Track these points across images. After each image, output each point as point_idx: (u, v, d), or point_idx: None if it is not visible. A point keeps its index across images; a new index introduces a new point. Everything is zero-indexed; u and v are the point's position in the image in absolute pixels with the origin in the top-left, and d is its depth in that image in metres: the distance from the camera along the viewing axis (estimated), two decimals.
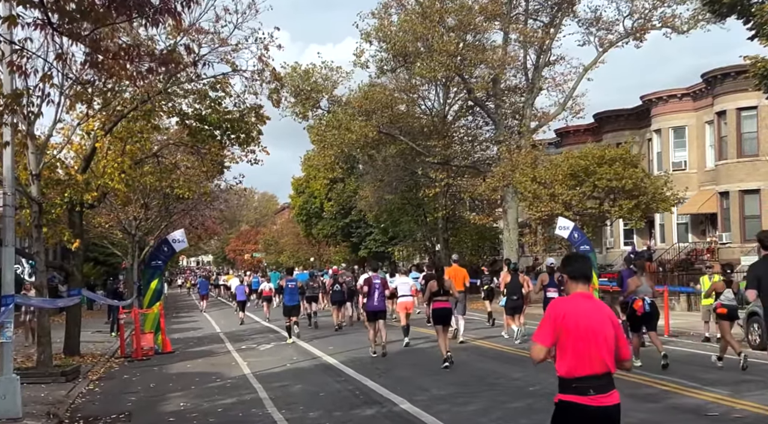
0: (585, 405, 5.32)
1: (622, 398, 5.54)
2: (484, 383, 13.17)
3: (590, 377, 5.34)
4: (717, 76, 35.92)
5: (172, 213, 45.88)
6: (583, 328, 5.39)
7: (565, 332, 5.40)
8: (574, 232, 23.68)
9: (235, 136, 20.64)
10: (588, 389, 5.33)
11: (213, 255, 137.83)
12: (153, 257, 22.15)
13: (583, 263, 5.81)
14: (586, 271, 5.73)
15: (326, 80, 38.96)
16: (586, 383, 5.33)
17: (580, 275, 5.68)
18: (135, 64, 8.57)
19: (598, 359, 5.37)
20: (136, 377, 16.66)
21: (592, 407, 5.32)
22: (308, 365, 16.96)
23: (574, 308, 5.49)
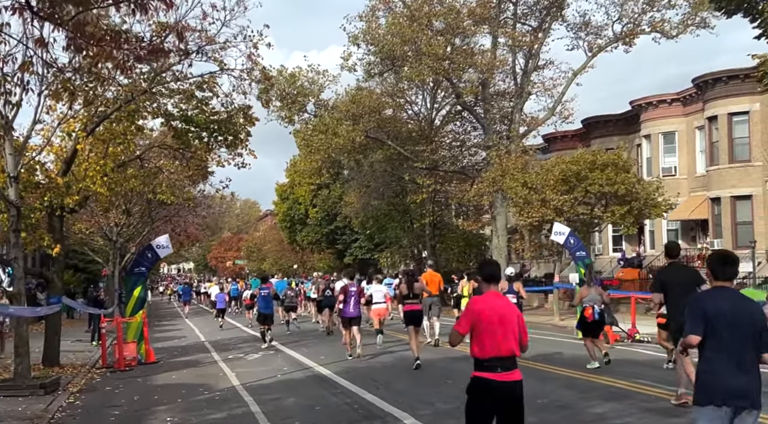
0: (493, 380, 6.74)
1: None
2: None
3: (498, 358, 6.75)
4: (708, 80, 35.58)
5: (155, 219, 45.06)
6: (493, 320, 6.79)
7: (478, 323, 6.82)
8: (570, 238, 23.11)
9: (223, 138, 19.94)
10: (496, 367, 6.75)
11: (194, 262, 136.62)
12: (136, 264, 21.34)
13: (494, 268, 7.34)
14: (496, 274, 7.26)
15: (313, 84, 38.30)
16: (495, 363, 6.75)
17: (491, 278, 7.17)
18: (122, 51, 7.84)
19: (504, 344, 6.77)
20: (119, 390, 15.87)
21: (498, 381, 6.74)
22: (300, 376, 16.23)
23: (487, 304, 6.92)
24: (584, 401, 11.73)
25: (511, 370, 6.79)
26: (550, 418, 10.66)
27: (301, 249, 70.85)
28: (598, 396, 12.12)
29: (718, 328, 5.99)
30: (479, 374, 6.84)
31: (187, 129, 19.82)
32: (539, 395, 11.93)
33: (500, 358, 6.76)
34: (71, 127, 18.66)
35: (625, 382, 13.42)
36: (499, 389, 6.75)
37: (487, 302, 6.95)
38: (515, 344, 6.85)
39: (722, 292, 6.21)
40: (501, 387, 6.75)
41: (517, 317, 6.96)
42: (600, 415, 10.79)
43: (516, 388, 6.82)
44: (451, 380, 14.10)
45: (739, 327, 5.98)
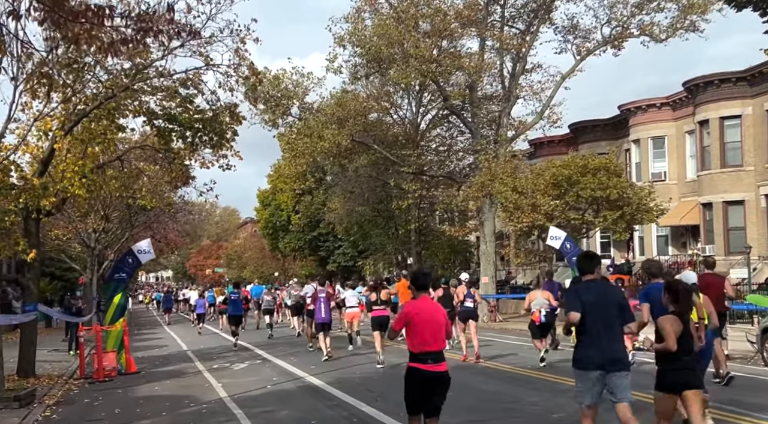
0: (425, 370, 8.02)
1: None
2: (498, 409, 11.78)
3: (429, 352, 8.02)
4: (699, 84, 35.12)
5: (134, 225, 44.07)
6: (424, 320, 8.07)
7: (411, 323, 8.10)
8: (567, 242, 22.46)
9: (208, 137, 19.07)
10: (427, 359, 8.02)
11: (173, 270, 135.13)
12: (116, 269, 20.39)
13: (426, 278, 8.72)
14: (426, 284, 8.72)
15: (297, 87, 37.40)
16: (426, 356, 8.02)
17: (423, 286, 8.49)
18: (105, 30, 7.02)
19: (433, 341, 8.04)
20: (99, 402, 14.95)
21: (429, 371, 8.01)
22: (291, 387, 15.36)
23: (419, 307, 8.22)
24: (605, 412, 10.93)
25: (439, 362, 8.15)
26: None
27: (283, 256, 69.84)
28: None
29: (591, 309, 7.79)
30: (413, 365, 8.20)
31: (170, 128, 18.94)
32: (553, 408, 11.18)
33: (429, 352, 8.10)
34: (48, 126, 17.73)
35: (641, 393, 12.65)
36: (430, 378, 8.14)
37: (418, 306, 8.31)
38: (442, 340, 8.27)
39: (592, 282, 8.20)
40: (431, 376, 8.12)
41: (444, 316, 8.40)
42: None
43: (443, 377, 8.19)
44: (453, 392, 13.26)
45: (606, 308, 7.85)
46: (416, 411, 8.35)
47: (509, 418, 11.01)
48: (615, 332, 7.84)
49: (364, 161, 41.45)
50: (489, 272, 36.72)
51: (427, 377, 8.12)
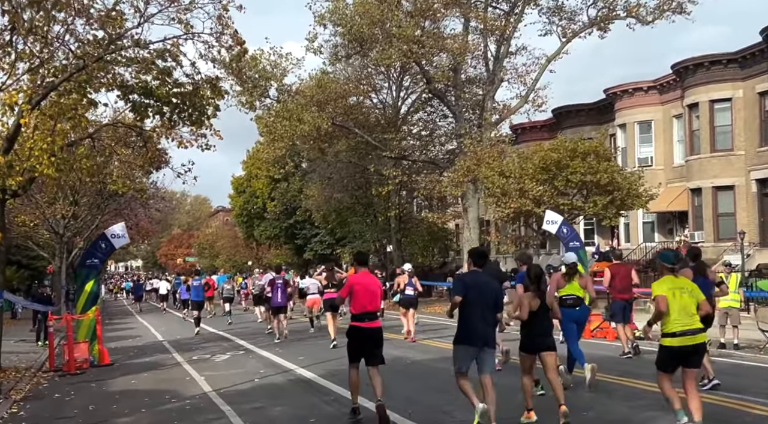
0: (363, 327, 10.28)
1: None
2: (514, 403, 10.71)
3: (365, 313, 10.31)
4: (689, 66, 34.32)
5: (104, 211, 42.58)
6: (363, 289, 10.39)
7: (353, 291, 10.41)
8: (563, 227, 21.49)
9: (187, 113, 17.78)
10: (365, 318, 10.29)
11: (143, 260, 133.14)
12: (88, 255, 19.07)
13: (363, 256, 11.94)
14: (365, 260, 11.52)
15: (275, 68, 36.05)
16: (364, 316, 10.30)
17: (362, 262, 11.32)
18: None
19: (369, 305, 10.38)
20: (71, 397, 13.73)
21: (367, 328, 10.28)
22: (281, 381, 14.22)
23: (359, 279, 10.67)
24: (637, 411, 9.95)
25: (373, 320, 10.45)
26: None
27: (258, 245, 68.40)
28: (649, 406, 10.32)
29: (472, 295, 9.08)
30: (354, 324, 10.45)
31: (146, 103, 17.60)
32: (582, 406, 10.15)
33: (366, 312, 10.38)
34: (14, 99, 16.34)
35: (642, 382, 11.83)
36: (367, 333, 10.34)
37: (359, 278, 10.78)
38: (377, 304, 10.70)
39: (476, 272, 9.49)
40: (368, 331, 10.35)
41: (378, 287, 10.90)
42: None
43: (377, 332, 10.47)
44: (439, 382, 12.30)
45: (484, 296, 9.16)
46: (356, 359, 10.45)
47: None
48: (490, 316, 9.24)
49: (344, 146, 40.29)
50: None
51: (365, 332, 10.38)
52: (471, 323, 9.07)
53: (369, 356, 10.29)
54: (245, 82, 34.52)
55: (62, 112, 17.26)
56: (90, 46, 16.52)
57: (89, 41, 16.75)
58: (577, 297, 12.19)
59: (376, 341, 10.38)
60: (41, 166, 16.52)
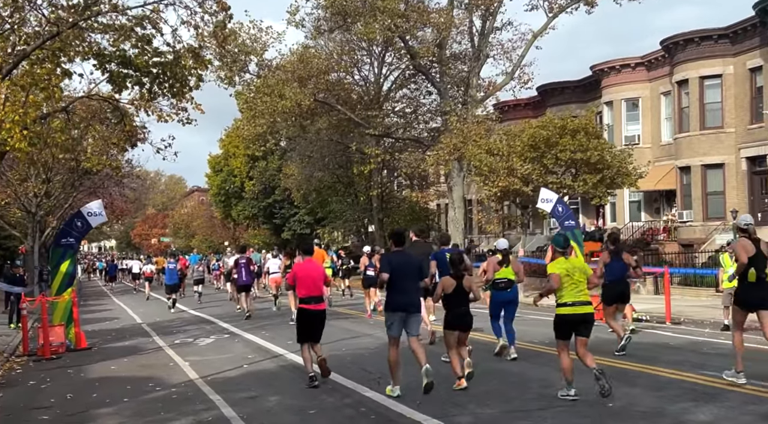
0: (308, 309, 11.57)
1: None
2: (531, 392, 10.01)
3: (310, 297, 11.56)
4: (678, 42, 33.64)
5: (78, 190, 41.39)
6: (305, 276, 11.61)
7: (297, 277, 11.70)
8: (558, 205, 20.76)
9: (168, 84, 16.83)
10: (311, 301, 11.56)
11: (116, 240, 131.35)
12: (64, 234, 18.05)
13: (309, 245, 12.80)
14: (308, 249, 12.51)
15: (255, 42, 34.99)
16: (309, 300, 11.56)
17: (306, 251, 12.51)
18: None
19: (313, 289, 11.59)
20: (47, 384, 12.86)
21: (311, 310, 11.56)
22: (272, 367, 13.41)
23: (303, 266, 11.96)
24: (667, 402, 9.19)
25: (318, 303, 11.60)
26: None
27: (236, 224, 67.32)
28: (678, 396, 9.58)
29: (397, 271, 10.37)
30: (301, 306, 11.65)
31: (124, 73, 16.63)
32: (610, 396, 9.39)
33: (310, 297, 11.52)
34: None
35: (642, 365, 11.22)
36: (311, 315, 11.51)
37: (302, 266, 11.97)
38: (320, 288, 11.72)
39: (399, 252, 10.77)
40: (312, 313, 11.51)
41: (320, 272, 11.92)
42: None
43: (321, 314, 11.66)
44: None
45: (408, 270, 10.46)
46: (305, 340, 11.59)
47: (553, 407, 9.11)
48: (413, 287, 10.64)
49: (326, 123, 39.35)
50: (458, 240, 35.00)
51: (310, 314, 11.56)
52: (398, 293, 10.52)
53: (314, 337, 11.63)
54: (224, 56, 33.48)
55: (35, 83, 16.22)
56: (64, 11, 15.55)
57: (63, 6, 15.77)
58: (509, 280, 13.09)
59: (320, 321, 11.75)
60: (12, 140, 15.49)
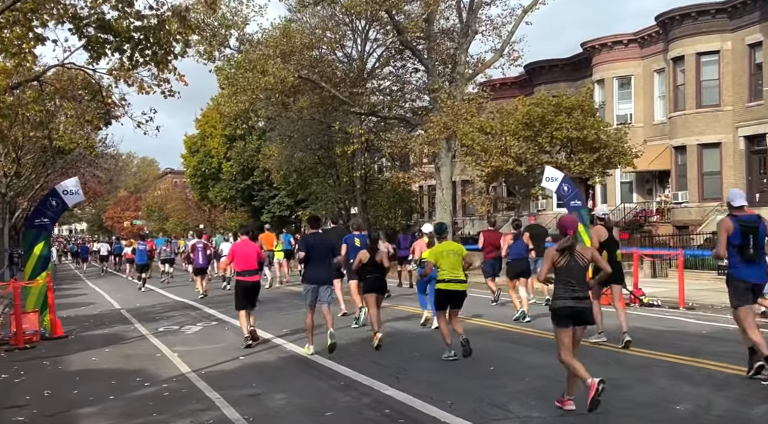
0: (245, 281, 13.52)
1: None
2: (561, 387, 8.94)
3: (246, 271, 13.47)
4: (675, 17, 32.66)
5: (49, 171, 39.87)
6: (242, 253, 13.52)
7: (236, 255, 13.57)
8: (564, 184, 19.68)
9: (151, 51, 15.50)
10: (246, 274, 13.47)
11: (87, 223, 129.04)
12: (38, 214, 16.68)
13: (246, 228, 15.33)
14: (247, 232, 14.53)
15: (236, 15, 33.50)
16: (245, 273, 13.48)
17: (245, 233, 14.41)
18: None
19: (249, 264, 13.50)
20: (20, 378, 11.61)
21: (248, 282, 13.51)
22: (272, 359, 12.19)
23: (240, 245, 13.83)
24: (744, 406, 8.05)
25: (252, 276, 13.66)
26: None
27: (213, 206, 65.71)
28: (751, 395, 8.50)
29: (313, 250, 12.50)
30: (239, 278, 13.71)
31: (103, 39, 15.29)
32: (669, 398, 8.23)
33: (247, 271, 13.56)
34: None
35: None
36: (247, 285, 13.62)
37: (240, 245, 13.92)
38: (255, 263, 13.71)
39: (315, 233, 12.97)
40: (248, 285, 13.62)
41: (256, 252, 13.83)
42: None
43: (256, 284, 13.86)
44: (494, 366, 10.46)
45: (321, 250, 12.56)
46: (243, 307, 13.51)
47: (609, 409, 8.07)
48: (325, 263, 12.54)
49: (307, 102, 37.98)
50: (447, 221, 33.89)
51: (247, 285, 13.56)
52: (312, 269, 12.54)
53: (250, 305, 13.74)
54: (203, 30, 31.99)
55: (4, 49, 14.86)
56: None
57: None
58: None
59: (254, 290, 13.89)
60: None
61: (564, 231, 8.19)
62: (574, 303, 7.90)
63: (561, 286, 8.05)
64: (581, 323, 8.02)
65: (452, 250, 11.51)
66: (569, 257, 8.03)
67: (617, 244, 12.22)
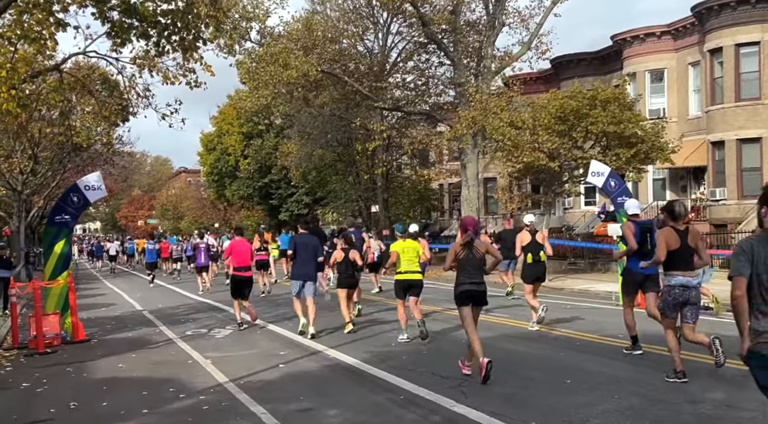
0: (239, 275, 15.87)
1: None
2: (637, 397, 7.87)
3: (242, 267, 15.91)
4: (712, 7, 31.40)
5: (66, 167, 39.09)
6: (238, 251, 15.94)
7: (233, 252, 15.96)
8: (611, 179, 18.61)
9: (179, 37, 14.55)
10: (240, 269, 15.87)
11: (101, 222, 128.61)
12: (58, 210, 15.75)
13: (241, 230, 18.51)
14: (242, 232, 18.07)
15: (257, 8, 32.59)
16: (240, 269, 15.89)
17: (239, 233, 17.74)
18: None
19: (243, 261, 15.93)
20: (43, 387, 10.69)
21: (241, 276, 15.90)
22: (315, 367, 11.16)
23: (237, 244, 16.25)
24: None
25: (246, 271, 16.05)
26: None
27: (229, 205, 64.82)
28: None
29: (300, 249, 14.33)
30: (234, 273, 16.07)
31: (128, 24, 14.34)
32: (745, 405, 7.28)
33: (243, 267, 15.94)
34: None
35: None
36: (242, 280, 15.93)
37: (236, 243, 16.44)
38: (248, 261, 16.20)
39: (303, 234, 14.82)
40: (242, 279, 15.93)
41: (249, 251, 16.50)
42: None
43: (249, 279, 16.22)
44: (570, 379, 9.42)
45: (307, 249, 14.37)
46: (237, 296, 15.91)
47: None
48: (311, 261, 14.36)
49: (327, 98, 37.02)
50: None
51: (241, 279, 15.87)
52: (299, 265, 14.37)
53: (243, 295, 15.91)
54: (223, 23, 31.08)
55: (24, 35, 13.92)
56: None
57: None
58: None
59: (248, 283, 16.14)
60: None
61: (465, 229, 9.90)
62: (472, 287, 9.68)
63: (462, 273, 9.75)
64: (478, 304, 9.78)
65: (411, 247, 13.34)
66: (468, 250, 9.72)
67: (541, 246, 14.32)
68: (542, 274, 14.51)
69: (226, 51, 32.77)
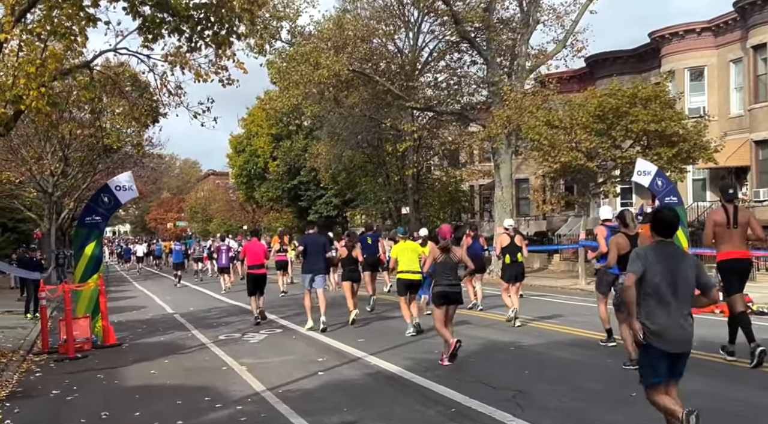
0: (254, 273, 17.46)
1: None
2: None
3: (255, 265, 17.43)
4: (756, 1, 30.43)
5: (96, 169, 38.89)
6: (252, 251, 17.58)
7: (247, 252, 17.84)
8: (658, 178, 17.95)
9: (212, 31, 14.07)
10: (254, 267, 17.45)
11: (131, 224, 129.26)
12: (89, 211, 15.36)
13: (256, 231, 22.05)
14: (258, 233, 22.82)
15: (287, 7, 32.16)
16: (254, 267, 17.45)
17: (254, 234, 20.04)
18: None
19: (257, 259, 17.48)
20: (73, 395, 10.24)
21: (256, 273, 17.43)
22: (357, 375, 10.60)
23: (251, 245, 17.96)
24: None
25: (260, 269, 17.39)
26: None
27: (258, 206, 64.56)
28: None
29: (309, 247, 15.74)
30: (249, 271, 17.57)
31: (160, 18, 13.88)
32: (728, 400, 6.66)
33: (257, 265, 17.32)
34: None
35: None
36: (257, 277, 17.33)
37: (250, 244, 17.97)
38: (261, 260, 17.49)
39: (311, 234, 16.34)
40: (257, 276, 17.34)
41: (263, 251, 17.73)
42: None
43: (263, 276, 17.44)
44: (635, 392, 8.78)
45: (315, 246, 15.82)
46: (252, 293, 17.27)
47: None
48: (319, 258, 15.77)
49: (357, 98, 36.51)
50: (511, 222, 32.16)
51: (256, 277, 17.36)
52: (309, 262, 15.60)
53: (258, 291, 17.28)
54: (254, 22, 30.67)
55: (54, 30, 13.49)
56: None
57: None
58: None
59: (263, 280, 17.44)
60: (28, 98, 12.80)
61: (443, 236, 11.25)
62: (448, 288, 10.95)
63: (440, 275, 11.01)
64: (452, 303, 11.05)
65: (411, 248, 14.54)
66: (446, 255, 11.02)
67: (519, 248, 15.63)
68: (520, 274, 15.87)
69: (257, 51, 32.41)
